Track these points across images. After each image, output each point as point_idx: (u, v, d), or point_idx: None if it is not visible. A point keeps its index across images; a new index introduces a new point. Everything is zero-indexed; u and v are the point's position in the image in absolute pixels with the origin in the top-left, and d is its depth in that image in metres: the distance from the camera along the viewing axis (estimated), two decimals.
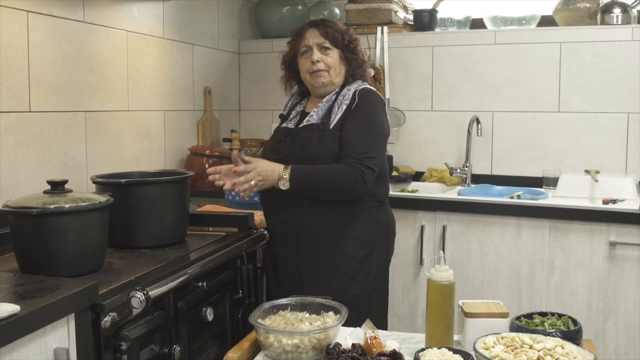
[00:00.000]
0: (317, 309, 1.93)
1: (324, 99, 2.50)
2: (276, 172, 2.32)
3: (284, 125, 2.58)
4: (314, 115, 2.47)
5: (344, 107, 2.43)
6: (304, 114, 2.56)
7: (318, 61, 2.47)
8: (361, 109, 2.42)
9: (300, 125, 2.49)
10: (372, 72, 3.75)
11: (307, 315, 1.91)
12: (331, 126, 2.41)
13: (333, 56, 2.49)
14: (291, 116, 2.60)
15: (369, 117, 2.42)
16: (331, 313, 1.90)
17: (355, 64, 2.53)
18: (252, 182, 2.29)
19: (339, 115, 2.42)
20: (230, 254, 2.34)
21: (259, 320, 1.82)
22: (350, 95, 2.46)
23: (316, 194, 2.38)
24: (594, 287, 3.04)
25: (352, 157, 2.34)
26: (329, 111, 2.46)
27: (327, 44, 2.48)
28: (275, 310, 1.92)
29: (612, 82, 3.55)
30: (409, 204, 3.30)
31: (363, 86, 2.52)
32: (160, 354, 1.96)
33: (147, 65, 3.29)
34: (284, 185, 2.32)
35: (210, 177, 2.42)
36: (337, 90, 2.51)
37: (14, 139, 2.45)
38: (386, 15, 3.96)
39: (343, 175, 2.32)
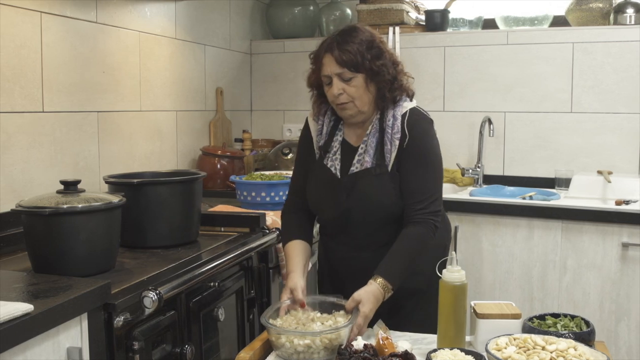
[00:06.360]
0: (328, 308, 1.93)
1: (368, 131, 2.16)
2: (379, 300, 1.99)
3: (328, 164, 2.20)
4: (366, 157, 2.13)
5: (396, 142, 2.11)
6: (347, 147, 2.21)
7: (341, 93, 2.09)
8: (415, 147, 2.12)
9: (354, 170, 2.15)
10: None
11: (319, 314, 1.90)
12: (389, 168, 2.11)
13: (356, 84, 2.09)
14: (333, 149, 2.21)
15: (425, 153, 2.15)
16: (342, 312, 1.90)
17: (383, 87, 2.12)
18: (365, 328, 1.96)
19: (393, 155, 2.11)
20: (242, 254, 2.34)
21: (271, 321, 1.82)
22: (399, 127, 2.12)
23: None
24: (606, 288, 3.03)
25: (419, 210, 2.10)
26: (380, 147, 2.13)
27: (347, 73, 2.07)
28: (286, 310, 1.92)
29: (624, 82, 3.53)
30: None
31: (408, 111, 2.15)
32: (172, 354, 1.96)
33: (159, 65, 3.29)
34: (389, 295, 2.03)
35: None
36: (378, 116, 2.16)
37: (27, 139, 2.46)
38: (398, 15, 3.96)
39: (422, 239, 2.10)
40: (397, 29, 3.92)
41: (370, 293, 1.96)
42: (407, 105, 2.17)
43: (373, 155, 2.13)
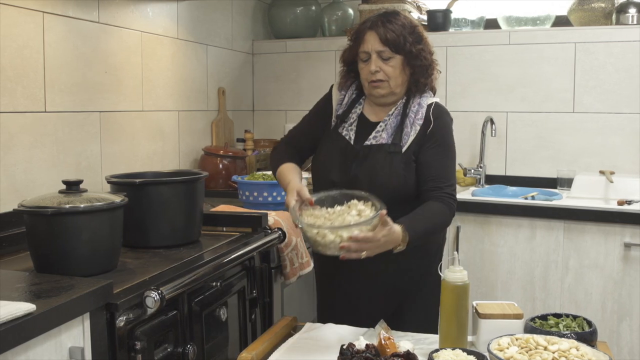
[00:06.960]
0: (340, 201, 1.96)
1: (391, 112, 2.24)
2: (393, 243, 1.95)
3: (343, 133, 2.27)
4: (383, 134, 2.21)
5: (417, 127, 2.20)
6: (364, 121, 2.28)
7: (377, 71, 2.18)
8: (438, 135, 2.20)
9: (369, 143, 2.22)
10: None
11: (339, 207, 1.93)
12: (404, 149, 2.18)
13: (394, 64, 2.18)
14: (350, 120, 2.28)
15: (447, 143, 2.23)
16: (354, 201, 1.92)
17: (418, 72, 2.22)
18: (364, 254, 1.88)
19: (412, 137, 2.19)
20: (244, 254, 2.34)
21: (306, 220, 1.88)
22: (423, 114, 2.21)
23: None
24: (609, 288, 3.03)
25: (440, 190, 2.15)
26: (400, 128, 2.20)
27: (388, 53, 2.16)
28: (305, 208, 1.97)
29: (626, 82, 3.53)
30: None
31: (434, 103, 2.26)
32: (174, 354, 1.96)
33: (161, 65, 3.30)
34: (398, 250, 2.00)
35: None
36: (403, 101, 2.26)
37: (29, 139, 2.46)
38: None
39: (445, 216, 2.15)
40: None
41: (394, 230, 1.92)
42: (432, 99, 2.27)
43: (391, 134, 2.20)
